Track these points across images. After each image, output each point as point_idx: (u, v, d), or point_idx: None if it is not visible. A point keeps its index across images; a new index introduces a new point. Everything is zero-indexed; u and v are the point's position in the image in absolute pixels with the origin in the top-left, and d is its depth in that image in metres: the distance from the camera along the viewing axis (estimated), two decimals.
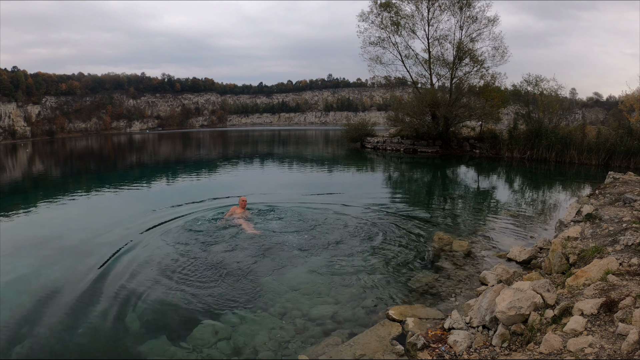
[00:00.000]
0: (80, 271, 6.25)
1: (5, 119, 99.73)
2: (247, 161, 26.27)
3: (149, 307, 5.04)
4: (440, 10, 27.20)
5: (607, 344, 2.75)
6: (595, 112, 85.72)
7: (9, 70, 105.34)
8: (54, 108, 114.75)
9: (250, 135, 73.80)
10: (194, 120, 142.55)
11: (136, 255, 6.81)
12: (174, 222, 8.83)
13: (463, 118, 26.19)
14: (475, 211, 10.28)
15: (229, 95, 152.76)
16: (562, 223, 6.75)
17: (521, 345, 3.27)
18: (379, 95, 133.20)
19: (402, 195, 12.45)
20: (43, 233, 8.58)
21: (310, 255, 6.76)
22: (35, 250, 7.38)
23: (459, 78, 27.43)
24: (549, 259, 5.12)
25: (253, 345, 4.19)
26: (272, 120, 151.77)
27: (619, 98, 39.48)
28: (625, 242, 4.39)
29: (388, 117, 31.21)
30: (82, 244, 7.65)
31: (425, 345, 3.75)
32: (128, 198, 12.10)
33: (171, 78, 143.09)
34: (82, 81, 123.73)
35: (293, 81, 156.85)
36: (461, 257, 6.60)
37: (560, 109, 22.45)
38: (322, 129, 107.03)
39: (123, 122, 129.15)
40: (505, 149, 23.27)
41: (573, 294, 3.60)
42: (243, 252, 6.86)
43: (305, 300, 5.12)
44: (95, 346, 4.28)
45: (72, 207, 11.55)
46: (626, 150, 18.07)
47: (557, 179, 15.98)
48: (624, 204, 6.21)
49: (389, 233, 8.01)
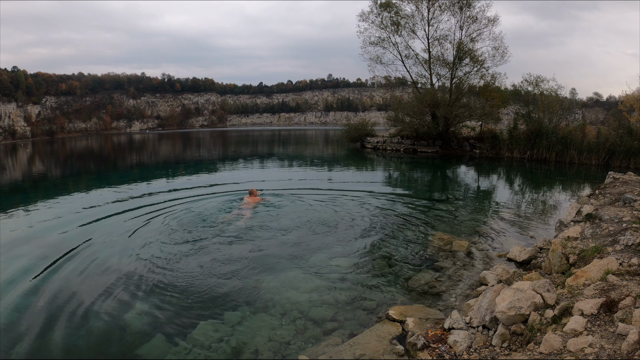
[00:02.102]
0: (78, 269, 6.25)
1: (5, 119, 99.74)
2: (248, 161, 26.26)
3: (149, 306, 5.04)
4: (440, 10, 27.20)
5: (607, 344, 2.75)
6: (595, 112, 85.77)
7: (9, 70, 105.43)
8: (54, 108, 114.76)
9: (250, 135, 73.77)
10: (194, 120, 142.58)
11: (136, 255, 6.81)
12: (174, 221, 8.84)
13: (463, 118, 26.19)
14: (475, 211, 10.28)
15: (229, 95, 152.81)
16: (562, 223, 6.75)
17: (521, 345, 3.27)
18: (379, 95, 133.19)
19: (402, 195, 12.45)
20: (43, 232, 8.57)
21: (310, 255, 6.76)
22: (34, 248, 7.38)
23: (459, 78, 27.43)
24: (549, 259, 5.12)
25: (253, 345, 4.19)
26: (272, 120, 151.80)
27: (619, 98, 39.44)
28: (625, 242, 4.39)
29: (388, 117, 31.18)
30: (74, 239, 7.63)
31: (425, 345, 3.75)
32: (128, 196, 12.11)
33: (171, 78, 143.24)
34: (82, 81, 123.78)
35: (293, 81, 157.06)
36: (461, 257, 6.60)
37: (560, 109, 22.44)
38: (322, 129, 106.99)
39: (123, 122, 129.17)
40: (505, 149, 23.26)
41: (573, 294, 3.60)
42: (243, 252, 6.86)
43: (305, 300, 5.12)
44: (95, 346, 4.27)
45: (73, 205, 11.55)
46: (626, 150, 18.08)
47: (557, 179, 15.97)
48: (624, 204, 6.21)
49: (388, 233, 8.02)
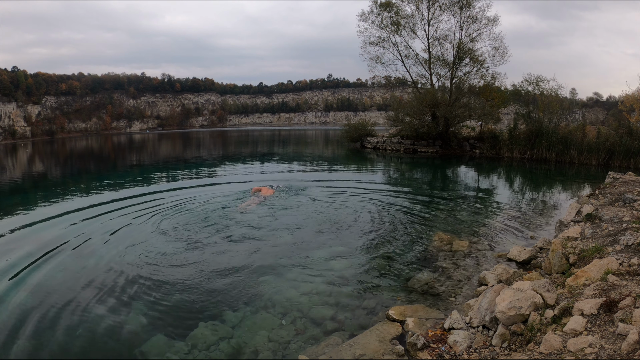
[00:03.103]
0: (76, 268, 6.25)
1: (5, 119, 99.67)
2: (248, 162, 26.25)
3: (149, 306, 5.04)
4: (441, 10, 27.21)
5: (607, 344, 2.75)
6: (595, 112, 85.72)
7: (9, 70, 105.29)
8: (54, 108, 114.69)
9: (250, 135, 73.75)
10: (194, 120, 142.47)
11: (136, 255, 6.82)
12: (174, 220, 8.84)
13: (463, 118, 26.20)
14: (475, 211, 10.28)
15: (229, 95, 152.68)
16: (562, 223, 6.76)
17: (521, 345, 3.27)
18: (379, 95, 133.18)
19: (401, 195, 12.45)
20: (42, 229, 8.57)
21: (310, 254, 6.77)
22: (34, 249, 7.38)
23: (459, 78, 27.44)
24: (549, 259, 5.12)
25: (253, 345, 4.19)
26: (272, 120, 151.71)
27: (619, 98, 39.42)
28: (625, 242, 4.39)
29: (388, 117, 31.20)
30: (74, 238, 7.65)
31: (425, 345, 3.75)
32: (128, 195, 12.11)
33: (171, 78, 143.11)
34: (82, 81, 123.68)
35: (293, 81, 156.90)
36: (461, 257, 6.60)
37: (560, 109, 22.44)
38: (322, 129, 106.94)
39: (123, 122, 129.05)
40: (505, 149, 23.25)
41: (573, 294, 3.60)
42: (243, 252, 6.87)
43: (305, 300, 5.13)
44: (95, 346, 4.28)
45: (72, 204, 11.54)
46: (626, 150, 18.08)
47: (557, 179, 15.97)
48: (624, 204, 6.21)
49: (389, 233, 8.02)
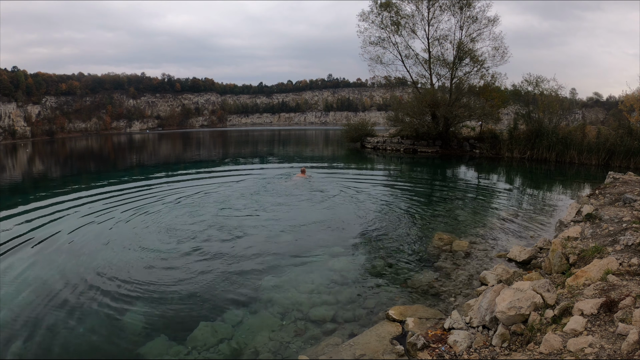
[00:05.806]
0: (76, 267, 6.26)
1: (5, 119, 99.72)
2: (248, 162, 26.25)
3: (148, 306, 5.04)
4: (441, 10, 27.19)
5: (607, 344, 2.75)
6: (595, 112, 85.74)
7: (9, 70, 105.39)
8: (54, 108, 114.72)
9: (250, 135, 73.76)
10: (194, 120, 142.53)
11: (136, 255, 6.82)
12: (174, 220, 8.84)
13: (463, 118, 26.21)
14: (475, 211, 10.28)
15: (229, 95, 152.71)
16: (562, 223, 6.76)
17: (521, 345, 3.27)
18: (379, 95, 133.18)
19: (401, 195, 12.45)
20: (43, 231, 8.58)
21: (310, 254, 6.77)
22: (34, 249, 7.39)
23: (459, 78, 27.43)
24: (549, 259, 5.12)
25: (253, 345, 4.19)
26: (272, 120, 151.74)
27: (619, 98, 39.40)
28: (625, 242, 4.39)
29: (388, 117, 31.20)
30: (74, 237, 7.66)
31: (425, 345, 3.75)
32: (127, 194, 12.11)
33: (171, 78, 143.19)
34: (82, 81, 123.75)
35: (293, 81, 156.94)
36: (461, 257, 6.60)
37: (560, 109, 22.44)
38: (322, 129, 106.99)
39: (123, 122, 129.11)
40: (505, 149, 23.25)
41: (573, 294, 3.60)
42: (244, 251, 6.87)
43: (306, 300, 5.13)
44: (95, 346, 4.28)
45: (71, 203, 11.54)
46: (626, 150, 18.07)
47: (557, 179, 15.97)
48: (624, 204, 6.21)
49: (388, 233, 8.02)
